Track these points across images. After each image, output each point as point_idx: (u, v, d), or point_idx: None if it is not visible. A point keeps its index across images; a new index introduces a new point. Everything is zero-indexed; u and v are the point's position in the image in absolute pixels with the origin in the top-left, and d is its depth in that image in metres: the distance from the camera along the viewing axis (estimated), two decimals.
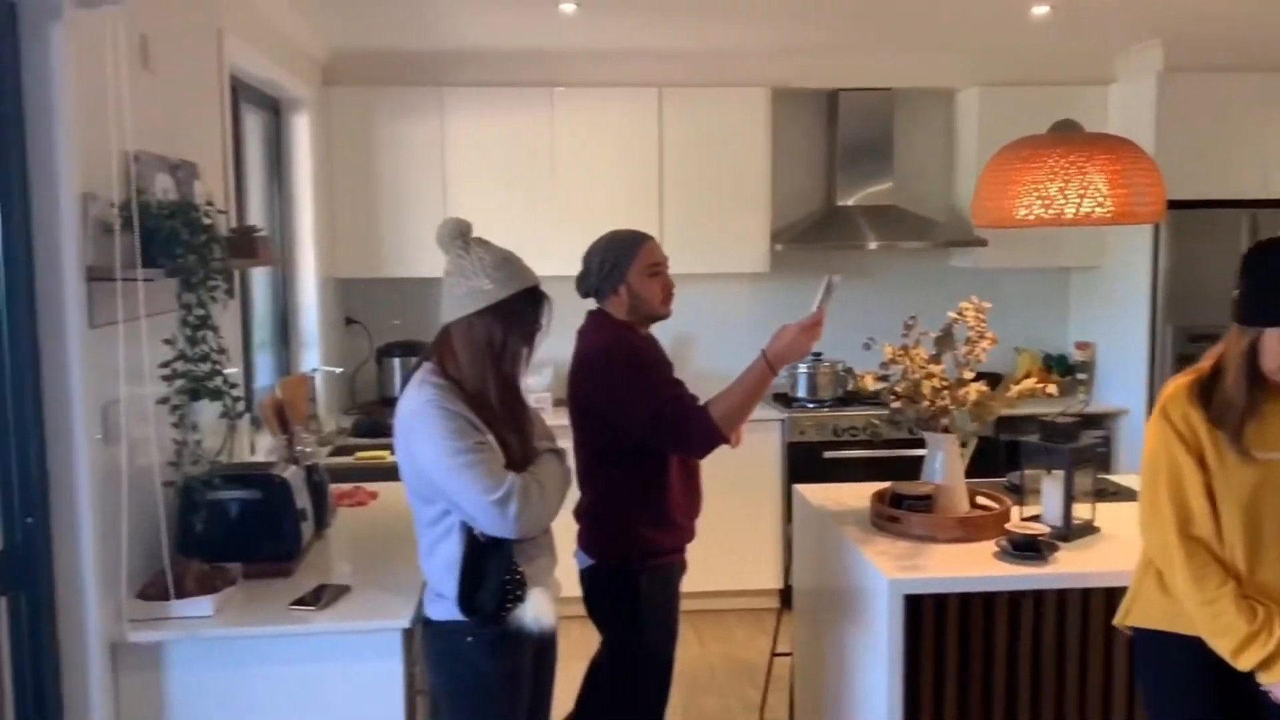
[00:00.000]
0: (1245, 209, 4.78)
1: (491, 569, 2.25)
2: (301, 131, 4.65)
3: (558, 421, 2.75)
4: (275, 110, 4.54)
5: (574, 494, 2.71)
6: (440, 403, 2.20)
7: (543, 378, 4.99)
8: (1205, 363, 2.33)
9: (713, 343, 5.29)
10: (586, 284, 2.87)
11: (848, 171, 5.34)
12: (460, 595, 2.26)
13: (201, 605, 2.43)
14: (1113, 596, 2.59)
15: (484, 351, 2.25)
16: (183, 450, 2.51)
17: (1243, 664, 2.19)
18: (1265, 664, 2.17)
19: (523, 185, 5.04)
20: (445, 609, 2.30)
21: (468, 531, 2.24)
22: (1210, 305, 4.61)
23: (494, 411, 2.26)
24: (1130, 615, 2.42)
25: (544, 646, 2.44)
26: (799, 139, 5.48)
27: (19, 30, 2.17)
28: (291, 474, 2.82)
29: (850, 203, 5.35)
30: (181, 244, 2.37)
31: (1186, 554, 2.23)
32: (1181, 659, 2.30)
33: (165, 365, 2.42)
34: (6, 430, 2.19)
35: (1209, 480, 2.24)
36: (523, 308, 2.27)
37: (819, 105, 5.49)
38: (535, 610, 2.28)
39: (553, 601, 2.36)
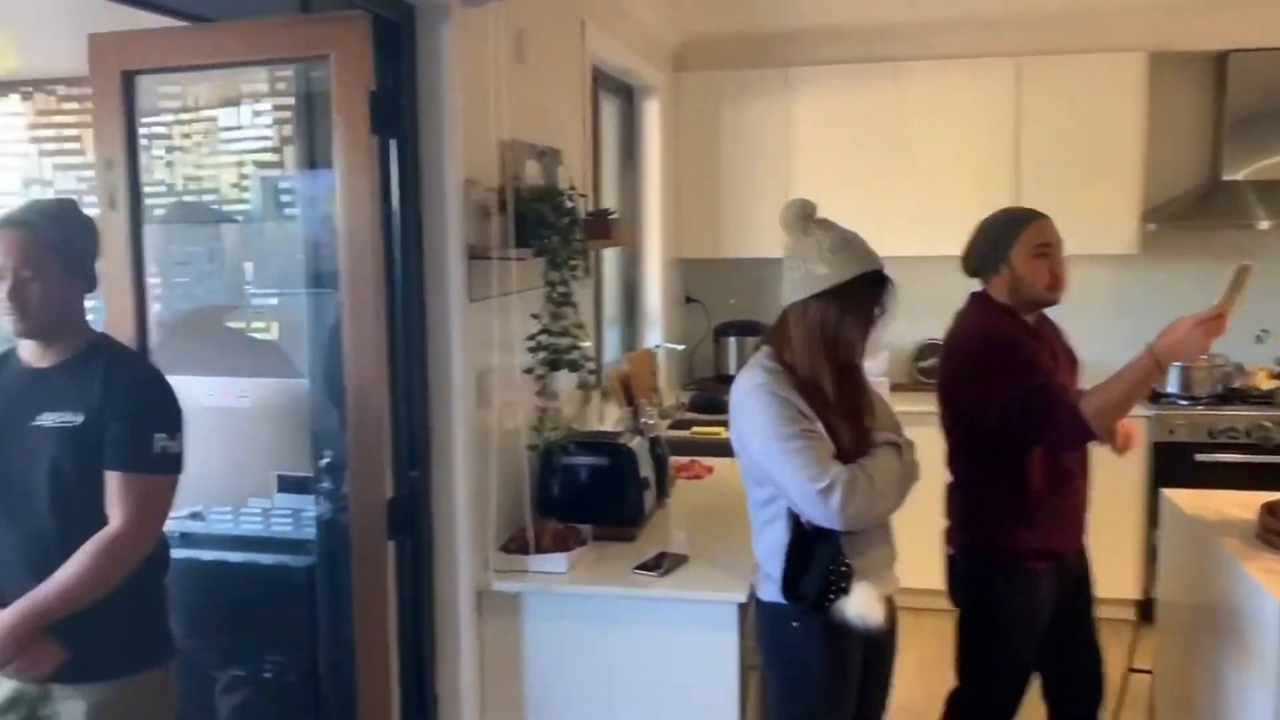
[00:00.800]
0: None
1: (816, 557, 2.20)
2: (652, 117, 4.83)
3: (901, 408, 2.67)
4: (629, 97, 4.75)
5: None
6: (769, 387, 2.19)
7: (879, 362, 4.87)
8: None
9: (1072, 330, 4.92)
10: (969, 262, 2.73)
11: (1237, 142, 4.75)
12: (784, 580, 2.24)
13: (557, 561, 2.60)
14: None
15: (818, 337, 2.20)
16: (544, 416, 2.69)
17: None
18: None
19: (869, 164, 4.93)
20: (772, 590, 2.29)
21: (794, 518, 2.22)
22: None
23: (826, 399, 2.21)
24: None
25: (877, 641, 2.34)
26: (1179, 107, 4.94)
27: (415, 29, 2.40)
28: (637, 444, 2.96)
29: (1239, 177, 4.76)
30: (548, 226, 2.54)
31: None
32: None
33: (531, 338, 2.61)
34: (398, 392, 2.46)
35: None
36: (861, 292, 2.19)
37: (1204, 69, 4.92)
38: (860, 605, 2.19)
39: (883, 599, 2.26)
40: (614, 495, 2.88)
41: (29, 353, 2.13)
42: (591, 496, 2.86)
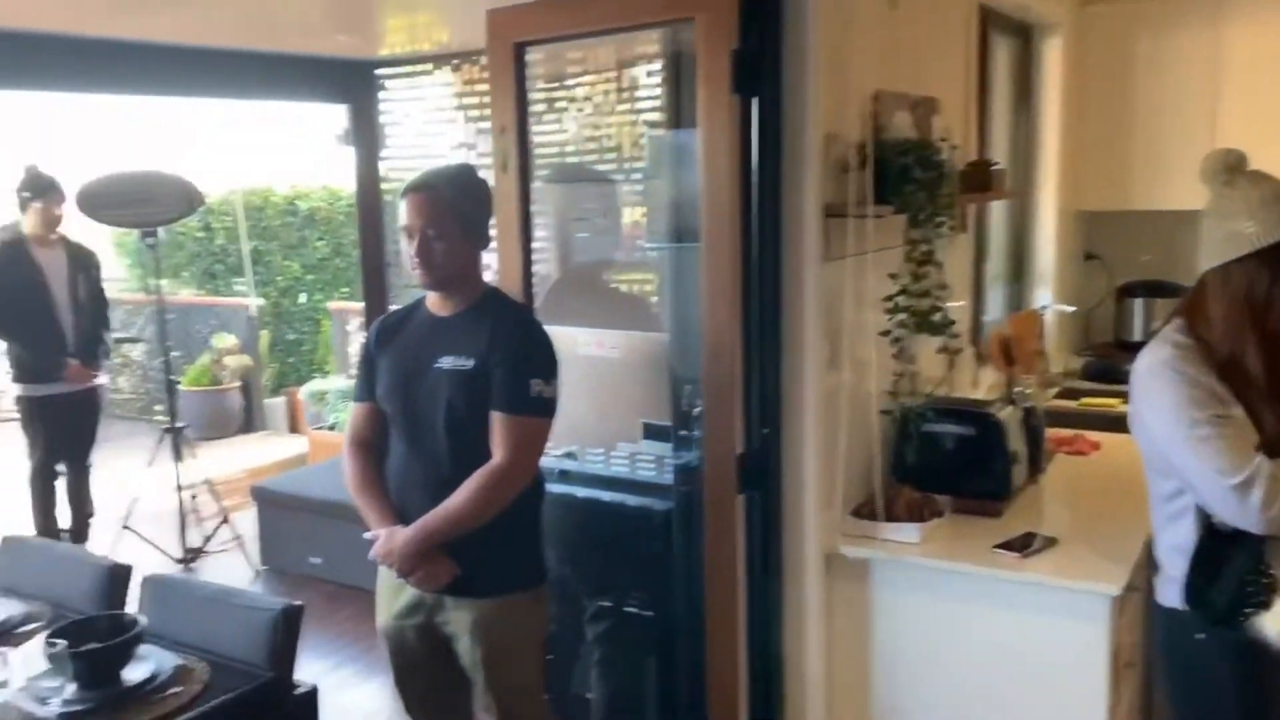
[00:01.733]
0: None
1: (1230, 564, 1.92)
2: (1052, 57, 4.43)
3: None
4: (1026, 37, 4.39)
5: None
6: (1178, 365, 1.93)
7: None
8: None
9: None
10: None
11: None
12: (1187, 586, 1.98)
13: (909, 531, 2.52)
14: None
15: (1242, 307, 1.91)
16: (900, 381, 2.60)
17: None
18: None
19: None
20: (1174, 595, 2.03)
21: (1204, 516, 1.95)
22: None
23: (1249, 380, 1.91)
24: None
25: None
26: None
27: None
28: (1007, 414, 2.77)
29: None
30: (911, 181, 2.42)
31: None
32: None
33: (888, 299, 2.52)
34: (751, 349, 2.48)
35: None
36: None
37: None
38: None
39: None
40: (977, 467, 2.73)
41: (433, 302, 2.40)
42: (952, 467, 2.72)
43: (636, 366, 2.90)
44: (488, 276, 2.54)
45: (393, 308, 2.74)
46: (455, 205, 2.30)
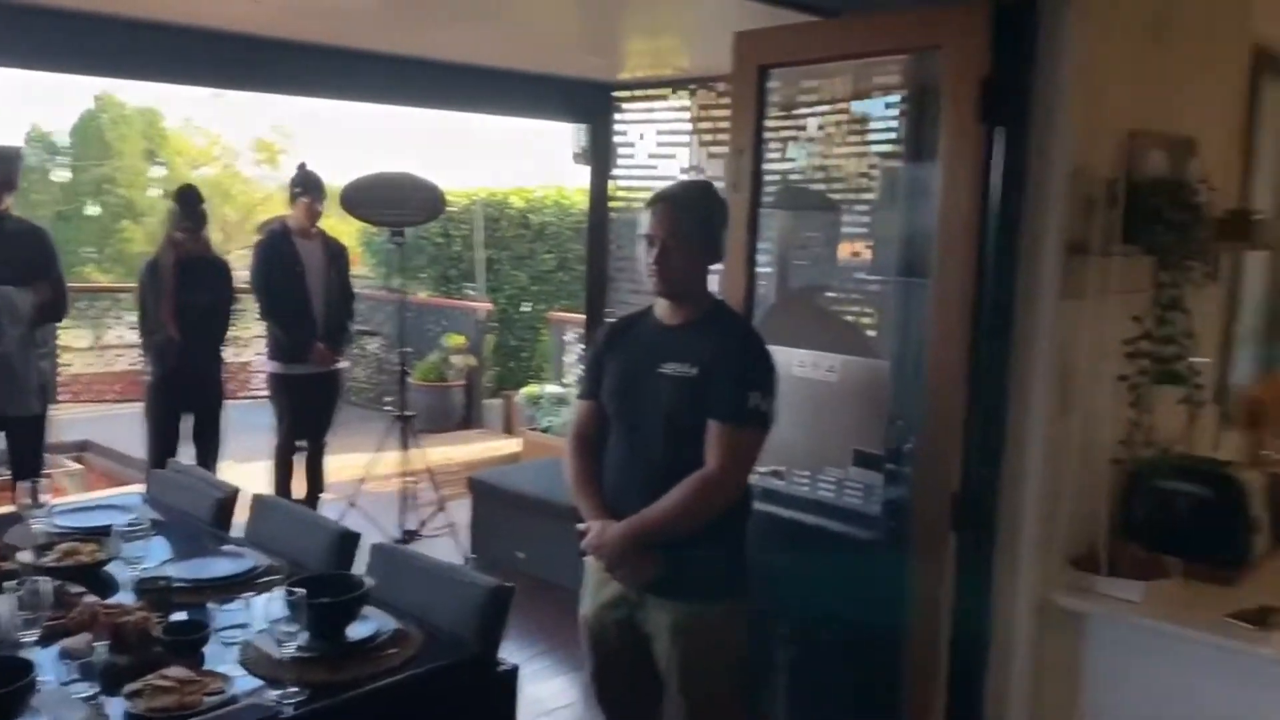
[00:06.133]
0: None
1: None
2: None
3: None
4: None
5: None
6: None
7: None
8: None
9: None
10: None
11: None
12: None
13: (1132, 589, 2.39)
14: None
15: None
16: (1135, 431, 2.47)
17: None
18: None
19: None
20: None
21: None
22: None
23: None
24: None
25: None
26: None
27: (1037, 11, 2.32)
28: (1251, 477, 2.58)
29: None
30: (1162, 222, 2.31)
31: None
32: None
33: (1129, 343, 2.40)
34: (977, 385, 2.42)
35: None
36: None
37: None
38: None
39: None
40: (1214, 530, 2.55)
41: (663, 310, 2.49)
42: (1185, 527, 2.55)
43: (852, 392, 2.88)
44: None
45: (612, 317, 2.84)
46: (696, 218, 2.38)
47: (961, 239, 2.39)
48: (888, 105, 3.27)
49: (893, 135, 3.19)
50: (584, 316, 5.74)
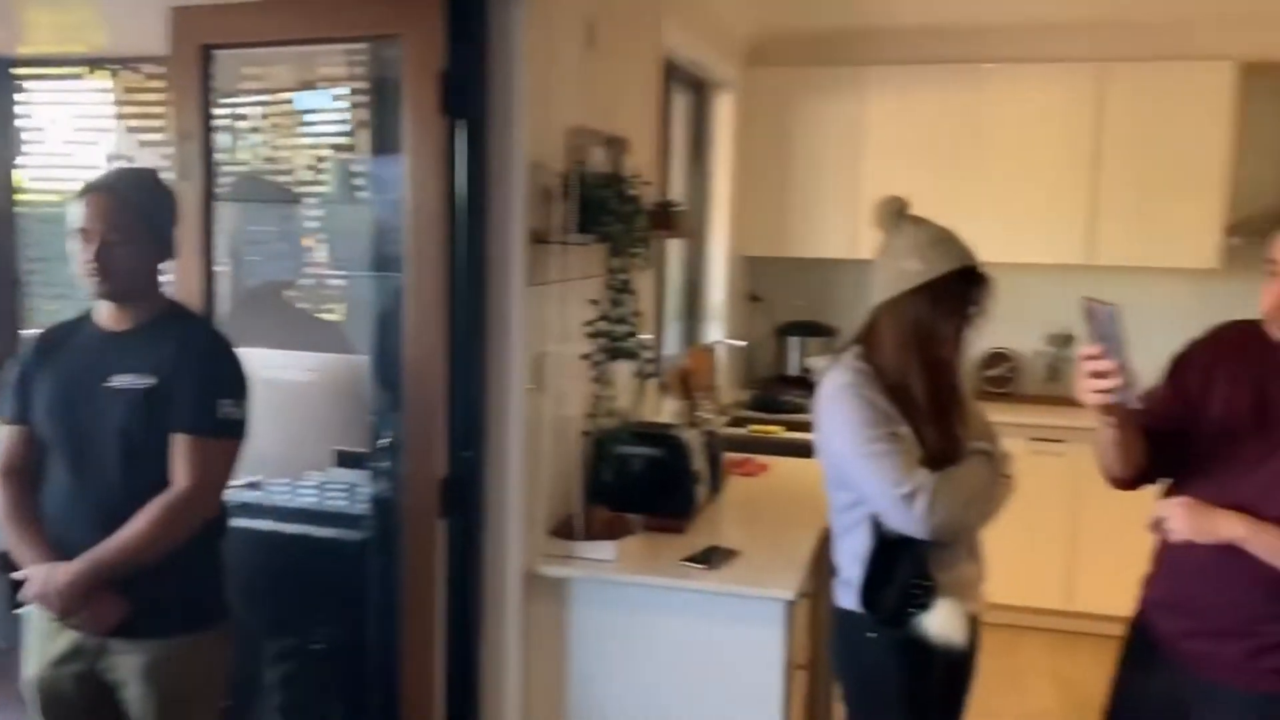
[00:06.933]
0: None
1: (899, 569, 2.13)
2: (723, 111, 4.81)
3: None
4: (700, 90, 4.73)
5: None
6: (856, 388, 2.12)
7: None
8: None
9: (1150, 344, 4.80)
10: None
11: None
12: (863, 589, 2.18)
13: (605, 549, 2.60)
14: None
15: (909, 336, 2.12)
16: (598, 404, 2.69)
17: None
18: None
19: (942, 169, 4.85)
20: (850, 598, 2.21)
21: (877, 525, 2.14)
22: None
23: (915, 402, 2.13)
24: None
25: (957, 660, 2.23)
26: (1267, 119, 4.78)
27: (487, 9, 2.41)
28: (691, 436, 2.94)
29: None
30: (610, 212, 2.53)
31: None
32: None
33: (589, 324, 2.60)
34: (456, 372, 2.47)
35: None
36: (955, 289, 2.12)
37: None
38: (941, 623, 2.11)
39: (966, 617, 2.16)
40: (666, 487, 2.87)
41: (106, 315, 2.19)
42: (643, 487, 2.85)
43: (330, 391, 2.79)
44: None
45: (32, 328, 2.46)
46: (139, 209, 2.13)
47: (431, 231, 2.42)
48: (336, 96, 3.20)
49: (344, 127, 3.14)
50: None
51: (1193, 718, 1.99)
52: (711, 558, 2.62)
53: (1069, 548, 4.59)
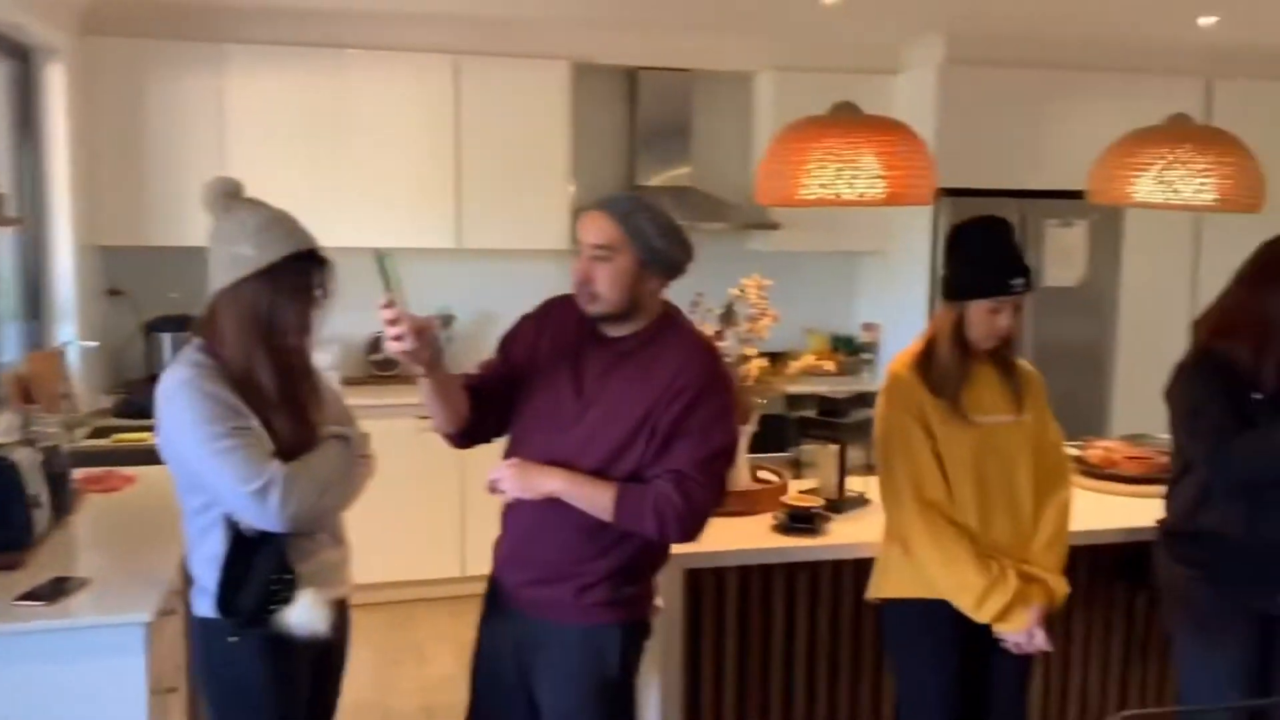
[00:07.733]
0: (1015, 198, 5.04)
1: (257, 567, 2.05)
2: (55, 84, 4.24)
3: (354, 402, 2.51)
4: (24, 58, 4.12)
5: None
6: (196, 383, 2.00)
7: (329, 355, 4.75)
8: (924, 337, 2.47)
9: (512, 321, 5.18)
10: None
11: (648, 152, 5.33)
12: (219, 594, 2.06)
13: None
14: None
15: (251, 324, 2.03)
16: None
17: (982, 616, 2.30)
18: (1003, 614, 2.29)
19: (309, 152, 4.78)
20: (206, 604, 2.09)
21: (233, 525, 2.05)
22: None
23: (263, 392, 2.06)
24: (880, 588, 2.50)
25: (324, 652, 2.22)
26: (600, 116, 5.42)
27: None
28: (22, 456, 2.55)
29: (651, 183, 5.34)
30: None
31: (923, 518, 2.33)
32: (928, 625, 2.39)
33: None
34: None
35: (936, 447, 2.36)
36: (295, 273, 2.06)
37: (620, 83, 5.45)
38: (303, 615, 2.06)
39: (331, 604, 2.14)
40: None
41: None
42: None
43: None
44: None
45: None
46: None
47: None
48: None
49: None
50: None
51: (539, 657, 2.19)
52: (52, 591, 2.30)
53: (459, 518, 4.84)
